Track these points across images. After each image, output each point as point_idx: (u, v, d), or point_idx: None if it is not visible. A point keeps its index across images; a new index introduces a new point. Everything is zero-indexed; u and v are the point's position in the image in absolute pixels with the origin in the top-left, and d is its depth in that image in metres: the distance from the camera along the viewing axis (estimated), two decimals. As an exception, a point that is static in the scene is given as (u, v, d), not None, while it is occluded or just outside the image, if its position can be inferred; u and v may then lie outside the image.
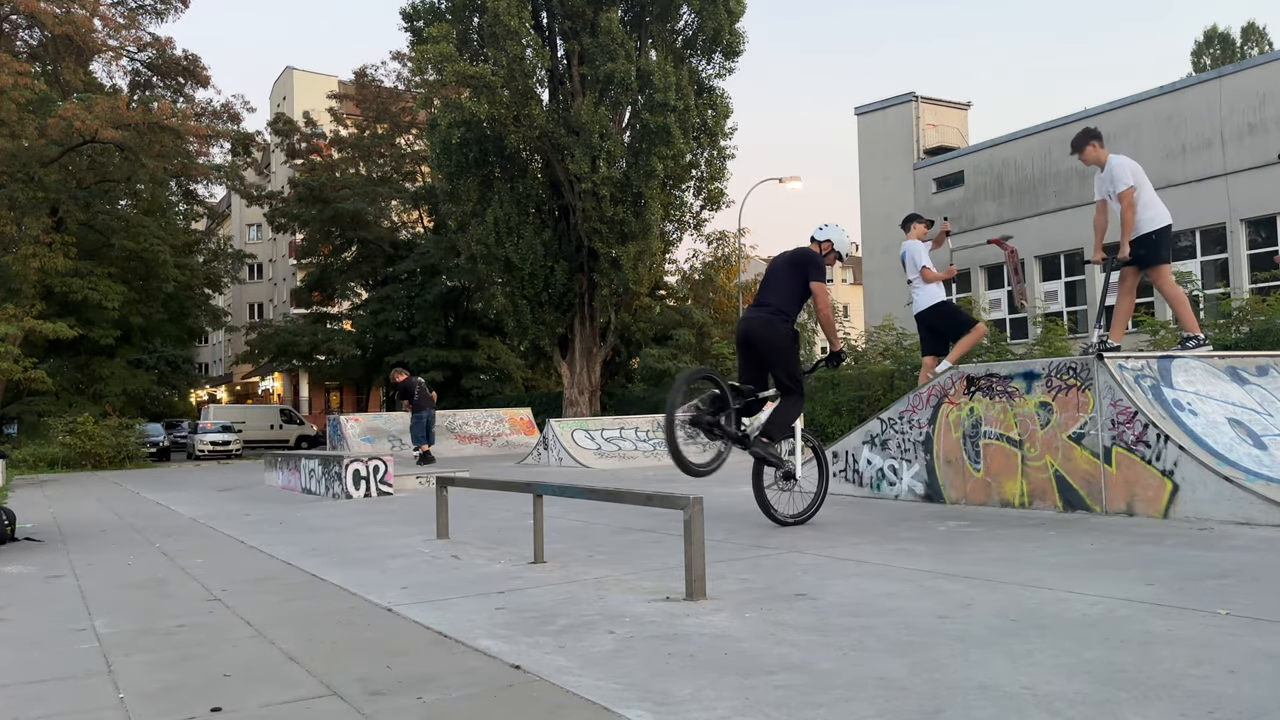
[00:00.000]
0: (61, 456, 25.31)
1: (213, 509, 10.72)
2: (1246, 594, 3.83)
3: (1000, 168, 28.24)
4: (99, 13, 30.90)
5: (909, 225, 9.06)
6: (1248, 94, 22.33)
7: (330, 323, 48.74)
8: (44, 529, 8.81)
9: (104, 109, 27.01)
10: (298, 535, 7.65)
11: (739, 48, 28.77)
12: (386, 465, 11.52)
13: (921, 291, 8.65)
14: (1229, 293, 19.04)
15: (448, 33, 26.65)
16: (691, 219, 30.75)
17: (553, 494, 5.70)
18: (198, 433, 35.10)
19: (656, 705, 2.74)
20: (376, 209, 44.65)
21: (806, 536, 6.09)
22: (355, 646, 3.67)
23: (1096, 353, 6.65)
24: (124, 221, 34.25)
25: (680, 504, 4.33)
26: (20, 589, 5.49)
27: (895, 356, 19.68)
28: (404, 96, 44.04)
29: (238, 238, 63.45)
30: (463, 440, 25.01)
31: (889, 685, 2.82)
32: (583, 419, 19.28)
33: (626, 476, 12.80)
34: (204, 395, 61.56)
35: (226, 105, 36.57)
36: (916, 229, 8.96)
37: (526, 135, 27.51)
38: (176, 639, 3.95)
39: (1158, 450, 6.13)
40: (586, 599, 4.36)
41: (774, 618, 3.80)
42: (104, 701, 3.07)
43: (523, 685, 3.03)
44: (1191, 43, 53.91)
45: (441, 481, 7.12)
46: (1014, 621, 3.54)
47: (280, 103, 58.13)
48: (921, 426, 7.91)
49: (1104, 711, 2.50)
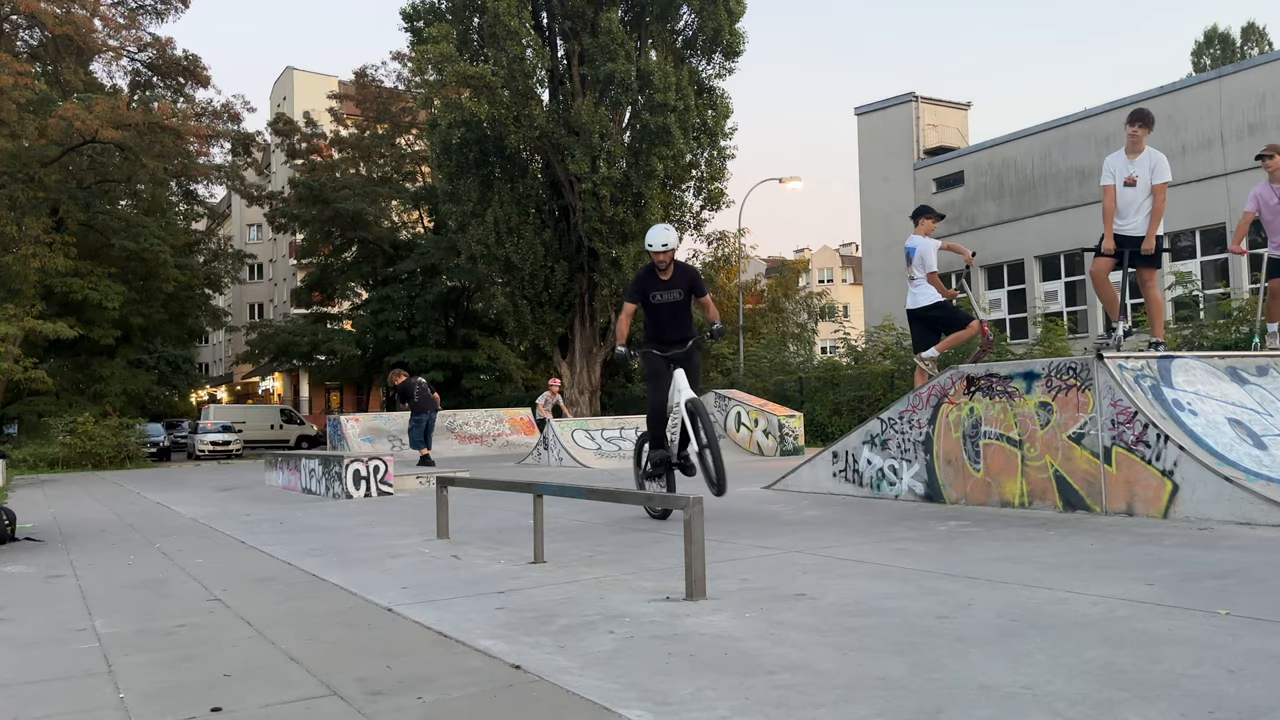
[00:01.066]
0: (61, 456, 25.32)
1: (213, 509, 10.72)
2: (1246, 594, 3.83)
3: (1000, 168, 28.24)
4: (99, 13, 30.93)
5: (919, 219, 8.85)
6: (1248, 94, 22.34)
7: (330, 323, 48.73)
8: (44, 529, 8.81)
9: (104, 109, 27.03)
10: (298, 535, 7.65)
11: (739, 48, 28.77)
12: (386, 465, 11.52)
13: (921, 289, 8.58)
14: (1229, 293, 19.03)
15: (448, 33, 26.64)
16: (691, 219, 30.75)
17: (553, 494, 5.70)
18: (198, 433, 35.12)
19: (656, 705, 2.74)
20: (376, 209, 44.66)
21: (806, 536, 6.09)
22: (355, 646, 3.67)
23: (1097, 353, 6.65)
24: (124, 221, 34.25)
25: (680, 504, 4.33)
26: (20, 589, 5.49)
27: (895, 356, 19.69)
28: (404, 96, 44.05)
29: (238, 238, 63.44)
30: (463, 440, 25.02)
31: (889, 685, 2.82)
32: (583, 419, 19.27)
33: (626, 476, 12.77)
34: (204, 395, 61.57)
35: (226, 105, 36.64)
36: (925, 224, 8.75)
37: (526, 135, 27.51)
38: (176, 639, 3.95)
39: (1158, 450, 6.13)
40: (586, 599, 4.36)
41: (774, 618, 3.80)
42: (104, 701, 3.07)
43: (523, 685, 3.03)
44: (1191, 43, 53.92)
45: (441, 481, 7.12)
46: (1014, 621, 3.54)
47: (280, 103, 58.13)
48: (921, 426, 7.91)
49: (1104, 711, 2.49)
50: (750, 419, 16.88)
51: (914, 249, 8.64)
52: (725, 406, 17.47)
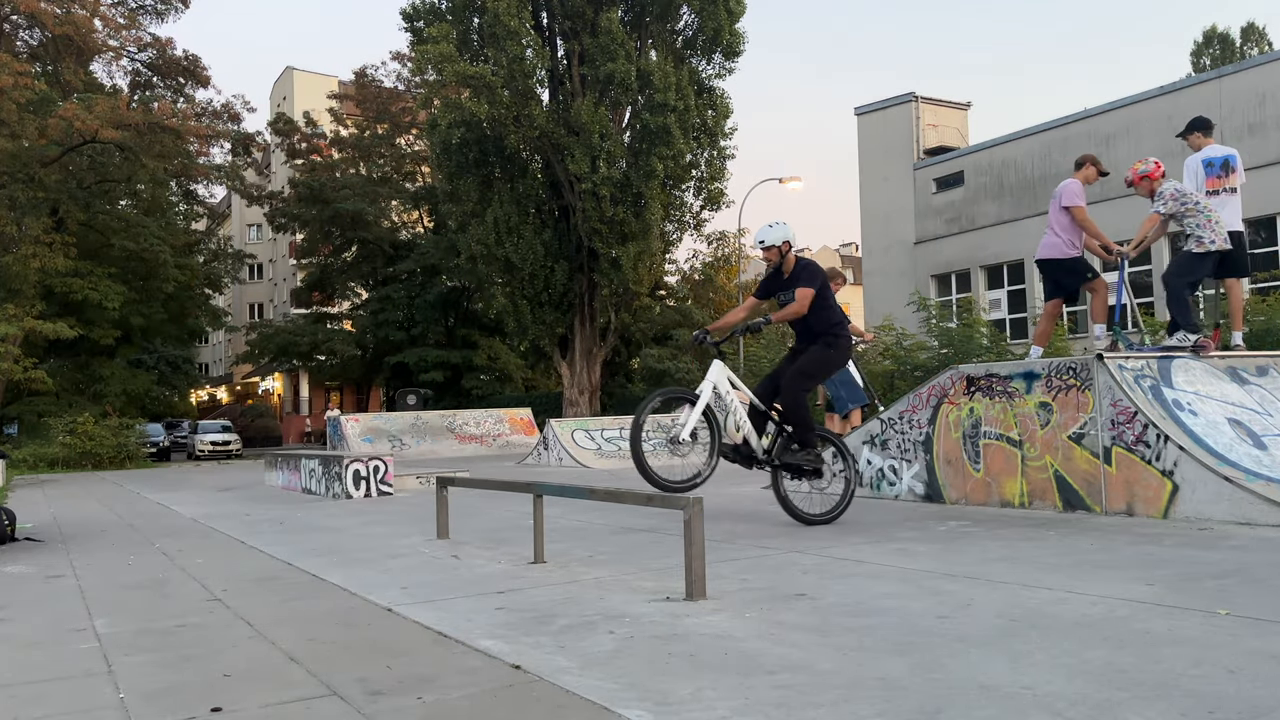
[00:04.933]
0: (61, 456, 25.33)
1: (213, 509, 10.72)
2: (1246, 594, 3.83)
3: (1000, 168, 28.23)
4: (99, 13, 30.94)
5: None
6: (1248, 94, 22.33)
7: (330, 323, 48.74)
8: (44, 529, 8.81)
9: (104, 109, 27.04)
10: (298, 535, 7.65)
11: (739, 48, 28.78)
12: (386, 465, 11.52)
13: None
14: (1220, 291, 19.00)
15: (448, 33, 26.66)
16: (691, 219, 30.77)
17: (553, 494, 5.70)
18: (198, 433, 35.12)
19: (656, 705, 2.74)
20: (376, 209, 44.68)
21: (807, 536, 6.09)
22: (355, 646, 3.67)
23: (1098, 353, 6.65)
24: (124, 221, 34.27)
25: (680, 504, 4.33)
26: (20, 589, 5.49)
27: (895, 356, 19.66)
28: (404, 96, 44.09)
29: (238, 238, 63.39)
30: (463, 440, 25.03)
31: (889, 685, 2.82)
32: (583, 419, 19.28)
33: (626, 476, 12.78)
34: (204, 395, 61.56)
35: (226, 105, 36.65)
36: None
37: (526, 135, 27.52)
38: (176, 639, 3.95)
39: (1158, 450, 6.13)
40: (586, 599, 4.36)
41: (774, 618, 3.79)
42: (104, 701, 3.07)
43: (523, 685, 3.03)
44: (1191, 43, 53.91)
45: (441, 481, 7.12)
46: (1014, 621, 3.54)
47: (280, 103, 58.11)
48: (921, 426, 7.90)
49: (1104, 711, 2.49)
50: (750, 419, 16.87)
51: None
52: (725, 407, 17.46)
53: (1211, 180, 7.61)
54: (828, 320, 6.61)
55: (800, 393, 6.58)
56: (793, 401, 6.54)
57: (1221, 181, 7.61)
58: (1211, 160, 7.67)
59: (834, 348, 6.63)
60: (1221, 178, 7.59)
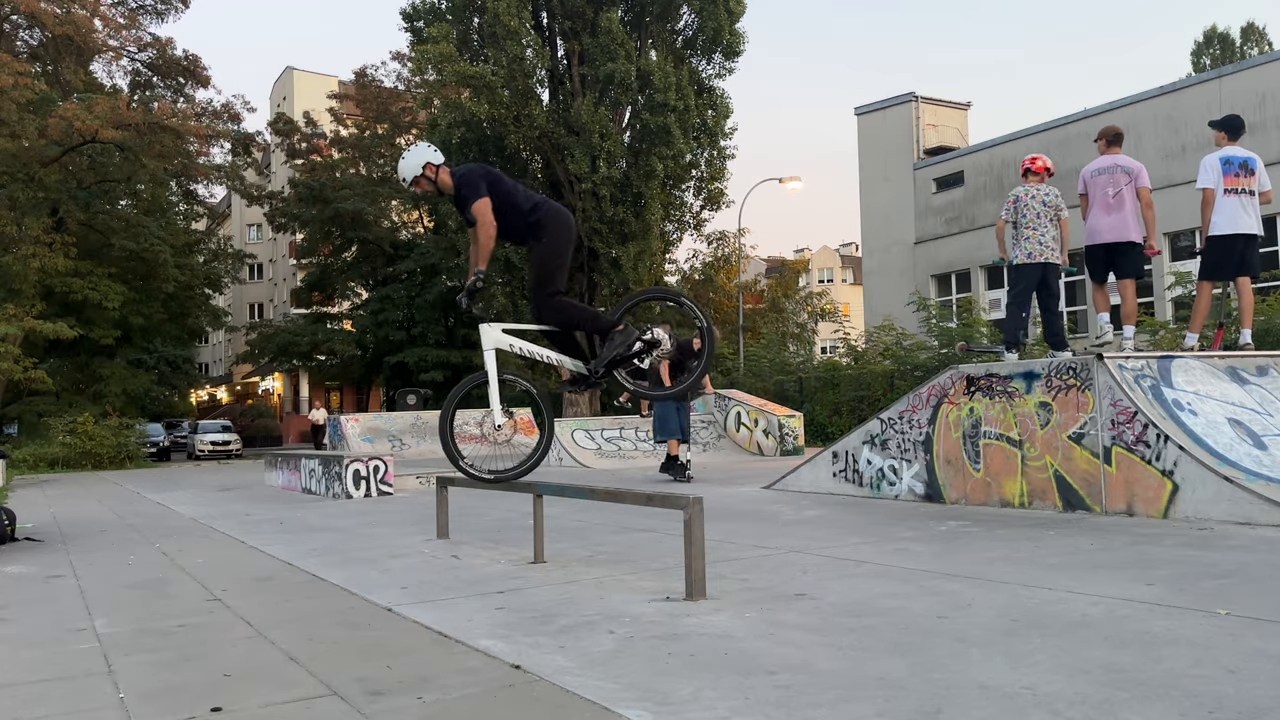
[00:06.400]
0: (61, 456, 25.32)
1: (213, 509, 10.72)
2: (1246, 594, 3.83)
3: (1000, 168, 28.22)
4: (99, 13, 30.95)
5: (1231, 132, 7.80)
6: (1248, 94, 22.32)
7: (330, 323, 48.70)
8: (44, 529, 8.81)
9: (104, 109, 27.02)
10: (298, 535, 7.65)
11: (739, 48, 28.77)
12: (386, 465, 11.52)
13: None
14: (1229, 293, 19.04)
15: (448, 33, 26.66)
16: (691, 219, 30.77)
17: (553, 494, 5.70)
18: (198, 433, 35.11)
19: (656, 705, 2.74)
20: (376, 209, 44.65)
21: (807, 536, 6.09)
22: (355, 646, 3.67)
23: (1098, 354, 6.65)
24: (124, 221, 34.25)
25: (680, 504, 4.33)
26: (20, 589, 5.49)
27: (895, 356, 19.66)
28: (404, 96, 44.06)
29: (238, 238, 63.39)
30: (463, 440, 24.96)
31: (889, 685, 2.82)
32: (583, 419, 19.26)
33: (626, 476, 12.79)
34: (204, 395, 61.53)
35: (227, 105, 36.64)
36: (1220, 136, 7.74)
37: (526, 135, 27.52)
38: (176, 639, 3.95)
39: (1158, 450, 6.13)
40: (586, 599, 4.36)
41: (774, 618, 3.79)
42: (104, 701, 3.07)
43: (523, 685, 3.03)
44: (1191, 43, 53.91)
45: (441, 481, 7.12)
46: (1014, 621, 3.54)
47: (280, 103, 58.11)
48: (921, 426, 7.91)
49: (1104, 711, 2.49)
50: (750, 419, 16.90)
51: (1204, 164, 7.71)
52: (725, 406, 17.49)
53: (1230, 178, 7.56)
54: (519, 214, 5.54)
55: (549, 300, 5.61)
56: (555, 314, 5.67)
57: (1241, 180, 7.57)
58: (1231, 159, 7.63)
59: (542, 234, 5.55)
60: (1240, 176, 7.56)
